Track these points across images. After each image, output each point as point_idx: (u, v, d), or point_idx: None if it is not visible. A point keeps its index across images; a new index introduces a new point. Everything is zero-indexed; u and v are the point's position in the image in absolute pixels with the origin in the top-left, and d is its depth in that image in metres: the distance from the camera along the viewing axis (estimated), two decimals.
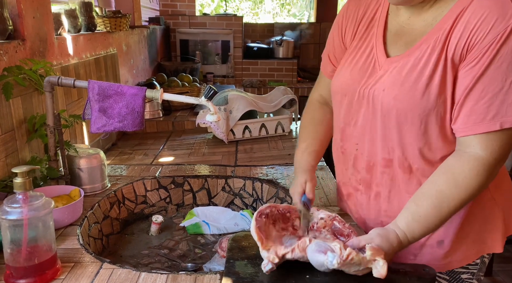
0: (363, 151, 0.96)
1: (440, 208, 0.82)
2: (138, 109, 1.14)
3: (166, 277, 0.87)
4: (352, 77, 0.96)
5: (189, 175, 1.48)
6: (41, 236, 0.83)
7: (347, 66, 0.99)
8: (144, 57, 2.75)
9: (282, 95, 2.09)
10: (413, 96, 0.84)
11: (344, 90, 0.98)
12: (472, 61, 0.79)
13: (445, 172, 0.84)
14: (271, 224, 0.89)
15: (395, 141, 0.90)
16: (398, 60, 0.88)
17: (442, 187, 0.82)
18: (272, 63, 3.87)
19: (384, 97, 0.88)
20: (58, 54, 1.45)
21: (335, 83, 1.02)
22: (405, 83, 0.85)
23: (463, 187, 0.81)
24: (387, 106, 0.88)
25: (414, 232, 0.83)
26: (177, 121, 2.19)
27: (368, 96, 0.91)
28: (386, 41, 0.93)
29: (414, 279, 0.81)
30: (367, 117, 0.93)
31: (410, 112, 0.85)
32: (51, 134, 1.19)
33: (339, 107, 1.02)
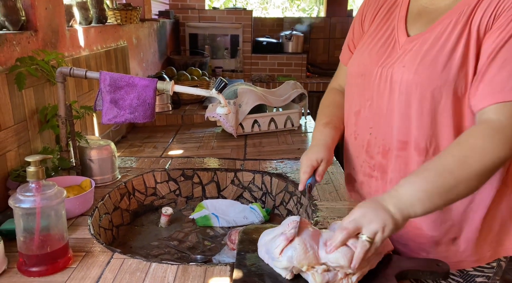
0: (377, 135, 0.93)
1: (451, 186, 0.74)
2: (149, 100, 1.14)
3: (176, 268, 0.87)
4: (370, 57, 0.94)
5: (198, 168, 1.48)
6: (53, 225, 0.84)
7: (365, 48, 0.97)
8: (153, 51, 2.76)
9: (292, 89, 2.08)
10: (434, 69, 0.81)
11: (361, 70, 0.95)
12: (497, 30, 0.76)
13: (458, 143, 0.77)
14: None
15: (412, 121, 0.86)
16: (419, 37, 0.86)
17: (455, 156, 0.76)
18: (281, 58, 3.85)
19: (404, 73, 0.85)
20: (69, 46, 1.45)
21: (352, 64, 1.00)
22: (426, 56, 0.83)
23: (477, 156, 0.74)
24: (407, 82, 0.85)
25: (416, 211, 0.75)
26: (186, 114, 2.19)
27: (386, 75, 0.89)
28: (407, 22, 0.91)
29: (427, 274, 0.80)
30: (384, 98, 0.90)
31: (430, 86, 0.82)
32: (62, 125, 1.19)
33: (354, 89, 0.99)
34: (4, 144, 1.07)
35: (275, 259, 0.77)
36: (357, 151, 1.00)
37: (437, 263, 0.81)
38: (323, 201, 1.19)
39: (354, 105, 0.99)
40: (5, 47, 1.09)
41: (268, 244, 0.81)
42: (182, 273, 0.85)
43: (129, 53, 2.08)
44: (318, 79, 3.78)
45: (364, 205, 0.77)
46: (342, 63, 1.13)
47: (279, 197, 1.42)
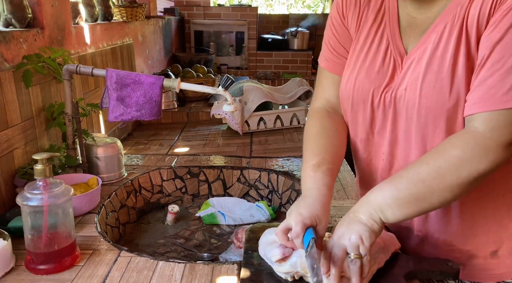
0: (392, 159, 0.85)
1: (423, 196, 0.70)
2: (155, 98, 1.13)
3: (183, 266, 0.87)
4: (370, 81, 0.83)
5: (204, 166, 1.48)
6: (60, 223, 0.84)
7: (359, 67, 0.85)
8: (159, 48, 2.75)
9: (298, 86, 2.07)
10: (440, 90, 0.73)
11: (362, 96, 0.85)
12: (493, 24, 0.67)
13: (436, 151, 0.72)
14: None
15: (427, 142, 0.78)
16: (415, 52, 0.78)
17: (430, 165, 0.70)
18: (286, 55, 3.84)
19: (409, 97, 0.77)
20: (75, 43, 1.45)
21: (348, 89, 0.87)
22: (427, 75, 0.74)
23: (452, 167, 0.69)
24: (413, 106, 0.76)
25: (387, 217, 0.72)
26: (192, 112, 2.19)
27: (390, 100, 0.81)
28: (402, 35, 0.82)
29: (436, 273, 0.79)
30: (392, 124, 0.82)
31: (443, 108, 0.73)
32: (69, 122, 1.19)
33: (356, 117, 0.88)
34: (12, 142, 1.07)
35: (274, 264, 0.77)
36: (373, 176, 0.91)
37: (446, 263, 0.80)
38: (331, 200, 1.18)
39: (360, 132, 0.89)
40: (12, 45, 1.09)
41: (266, 248, 0.80)
42: (190, 271, 0.85)
43: (134, 51, 2.08)
44: None
45: (339, 224, 0.75)
46: (327, 70, 0.93)
47: (286, 195, 1.41)
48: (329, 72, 0.93)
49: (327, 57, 0.93)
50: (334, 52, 0.92)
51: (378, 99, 0.82)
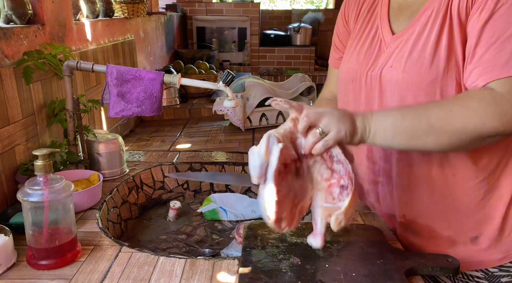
0: None
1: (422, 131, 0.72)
2: (156, 94, 1.13)
3: (184, 262, 0.87)
4: (358, 61, 0.92)
5: (206, 162, 1.48)
6: (61, 218, 0.84)
7: (352, 51, 0.95)
8: (161, 44, 2.75)
9: (300, 82, 2.06)
10: (422, 65, 0.79)
11: (351, 76, 0.94)
12: (477, 11, 0.74)
13: (455, 97, 0.76)
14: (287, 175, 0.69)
15: None
16: (403, 34, 0.84)
17: (442, 106, 0.73)
18: (289, 51, 3.82)
19: (392, 74, 0.83)
20: (76, 39, 1.45)
21: (342, 70, 0.98)
22: (412, 53, 0.81)
23: (462, 115, 0.70)
24: (397, 83, 0.83)
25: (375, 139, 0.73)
26: (194, 108, 2.19)
27: (376, 77, 0.87)
28: (390, 19, 0.89)
29: (437, 269, 0.79)
30: (376, 101, 0.88)
31: (422, 83, 0.79)
32: (70, 118, 1.19)
33: (346, 95, 0.97)
34: (13, 138, 1.08)
35: None
36: (359, 159, 0.96)
37: (447, 259, 0.79)
38: None
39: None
40: (13, 41, 1.09)
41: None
42: (190, 266, 0.85)
43: (136, 47, 2.08)
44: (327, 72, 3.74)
45: (335, 109, 0.73)
46: (332, 66, 1.10)
47: None
48: (334, 67, 1.08)
49: (332, 55, 1.09)
50: (337, 50, 1.06)
51: (365, 77, 0.90)
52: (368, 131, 0.73)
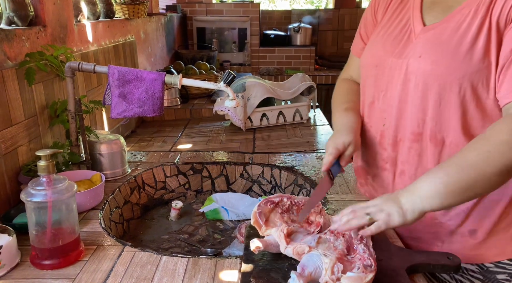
0: (390, 126, 0.92)
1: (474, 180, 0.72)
2: (157, 94, 1.14)
3: (187, 261, 0.87)
4: (384, 48, 0.92)
5: (207, 162, 1.49)
6: (64, 218, 0.85)
7: (379, 39, 0.95)
8: (161, 45, 2.76)
9: (300, 82, 2.07)
10: (454, 58, 0.79)
11: (375, 61, 0.94)
12: None
13: (483, 137, 0.75)
14: (279, 213, 0.85)
15: (429, 112, 0.85)
16: (436, 27, 0.84)
17: (478, 150, 0.73)
18: (289, 51, 3.82)
19: (420, 64, 0.84)
20: (78, 41, 1.46)
21: (365, 56, 0.99)
22: (445, 46, 0.81)
23: (501, 151, 0.71)
24: (424, 73, 0.83)
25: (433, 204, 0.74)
26: (195, 108, 2.19)
27: (401, 65, 0.87)
28: (423, 11, 0.89)
29: (438, 267, 0.80)
30: (398, 88, 0.89)
31: (450, 76, 0.80)
32: (72, 119, 1.20)
33: (367, 80, 0.98)
34: (16, 139, 1.08)
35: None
36: (370, 143, 0.99)
37: (448, 256, 0.80)
38: (333, 194, 1.19)
39: (368, 96, 0.98)
40: (15, 43, 1.10)
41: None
42: (193, 265, 0.86)
43: (137, 48, 2.08)
44: (327, 71, 3.75)
45: (378, 197, 0.79)
46: (353, 54, 1.11)
47: (289, 190, 1.42)
48: (355, 56, 1.09)
49: (355, 43, 1.09)
50: (360, 39, 1.06)
51: (389, 64, 0.90)
52: (419, 202, 0.73)
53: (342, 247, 0.75)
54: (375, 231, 0.75)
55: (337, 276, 0.69)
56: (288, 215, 0.86)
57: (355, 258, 0.73)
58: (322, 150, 1.59)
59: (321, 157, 1.51)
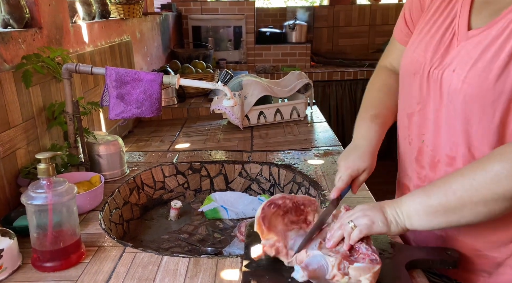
0: (429, 144, 0.82)
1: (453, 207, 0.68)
2: (155, 95, 1.14)
3: (188, 261, 0.88)
4: (425, 54, 0.81)
5: (206, 161, 1.49)
6: (65, 221, 0.85)
7: (421, 39, 0.83)
8: (157, 44, 2.75)
9: (297, 79, 2.07)
10: (486, 78, 0.69)
11: (414, 68, 0.83)
12: None
13: (476, 162, 0.68)
14: (280, 215, 0.84)
15: (460, 135, 0.75)
16: (478, 34, 0.72)
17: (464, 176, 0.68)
18: (285, 48, 3.83)
19: (453, 80, 0.73)
20: (74, 42, 1.45)
21: (405, 59, 0.87)
22: (479, 61, 0.70)
23: (487, 181, 0.65)
24: (455, 91, 0.73)
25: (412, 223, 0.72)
26: (192, 108, 2.19)
27: (436, 78, 0.77)
28: (472, 10, 0.76)
29: (437, 262, 0.80)
30: (434, 104, 0.79)
31: (481, 99, 0.69)
32: (70, 121, 1.20)
33: (406, 87, 0.87)
34: (14, 142, 1.08)
35: None
36: (409, 159, 0.90)
37: (446, 252, 0.81)
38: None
39: (407, 106, 0.88)
40: (11, 45, 1.10)
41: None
42: (194, 265, 0.86)
43: (133, 48, 2.08)
44: (323, 68, 3.75)
45: (364, 204, 0.77)
46: (396, 39, 0.98)
47: (287, 188, 1.42)
48: (398, 41, 0.97)
49: (399, 27, 0.96)
50: (405, 24, 0.94)
51: (427, 74, 0.80)
52: (401, 216, 0.72)
53: (344, 249, 0.75)
54: (357, 238, 0.74)
55: (344, 271, 0.69)
56: (289, 217, 0.85)
57: (359, 258, 0.73)
58: (320, 147, 1.60)
59: (318, 154, 1.52)
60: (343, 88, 3.70)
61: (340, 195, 0.86)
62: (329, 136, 1.74)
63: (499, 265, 0.81)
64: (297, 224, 0.85)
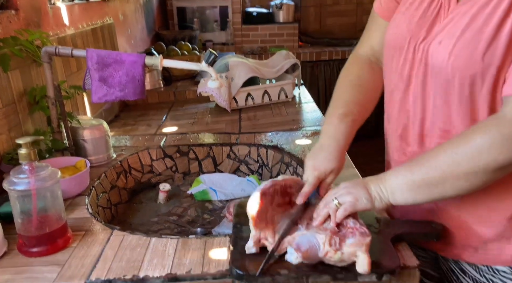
0: (415, 120, 0.81)
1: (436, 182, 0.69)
2: (138, 77, 1.12)
3: (176, 242, 0.88)
4: (409, 27, 0.78)
5: (193, 144, 1.48)
6: (50, 206, 0.84)
7: (405, 11, 0.80)
8: (141, 27, 2.69)
9: (284, 60, 2.05)
10: (475, 48, 0.66)
11: (398, 43, 0.80)
12: None
13: (458, 136, 0.68)
14: (269, 202, 0.82)
15: (453, 108, 0.74)
16: (466, 3, 0.70)
17: (446, 151, 0.68)
18: (272, 28, 3.78)
19: (439, 53, 0.71)
20: (53, 24, 1.41)
21: (389, 35, 0.84)
22: (467, 31, 0.68)
23: (469, 155, 0.65)
24: (441, 64, 0.71)
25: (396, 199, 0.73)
26: (179, 91, 2.17)
27: (422, 52, 0.75)
28: None
29: (421, 235, 0.82)
30: (420, 79, 0.78)
31: (470, 71, 0.68)
32: (52, 106, 1.17)
33: (390, 63, 0.84)
34: None
35: None
36: (392, 136, 0.89)
37: (431, 224, 0.82)
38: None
39: (391, 82, 0.86)
40: None
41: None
42: (182, 246, 0.86)
43: (116, 30, 2.03)
44: (311, 48, 3.72)
45: (348, 182, 0.78)
46: (379, 14, 0.90)
47: (276, 169, 1.43)
48: (380, 16, 0.90)
49: (382, 1, 0.89)
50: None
51: (412, 49, 0.77)
52: (385, 192, 0.73)
53: (332, 226, 0.76)
54: (342, 216, 0.75)
55: (336, 247, 0.70)
56: (276, 201, 0.84)
57: (347, 232, 0.74)
58: (308, 127, 1.60)
59: (306, 134, 1.52)
60: (331, 68, 3.68)
61: (308, 199, 0.84)
62: (317, 116, 1.74)
63: (487, 242, 0.80)
64: (282, 206, 0.84)
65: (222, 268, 0.79)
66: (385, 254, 0.74)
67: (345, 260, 0.70)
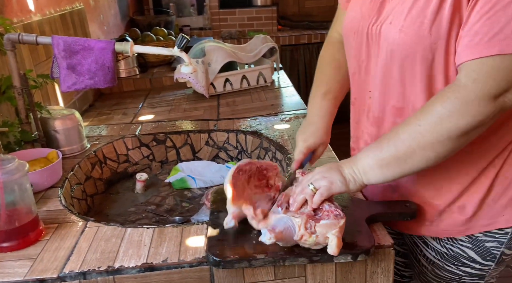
0: (375, 100, 0.84)
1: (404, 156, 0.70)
2: (108, 64, 1.08)
3: (152, 231, 0.87)
4: (362, 11, 0.82)
5: (170, 132, 1.46)
6: (18, 199, 0.81)
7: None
8: (114, 12, 2.61)
9: (262, 44, 2.03)
10: (422, 23, 0.70)
11: (354, 27, 0.84)
12: None
13: (419, 109, 0.71)
14: (246, 180, 0.84)
15: (407, 85, 0.77)
16: None
17: (410, 124, 0.70)
18: (250, 12, 3.72)
19: (390, 32, 0.75)
20: (17, 10, 1.35)
21: (345, 21, 0.89)
22: (413, 8, 0.71)
23: (431, 124, 0.67)
24: (393, 42, 0.74)
25: (369, 179, 0.74)
26: (155, 78, 2.12)
27: (375, 33, 0.79)
28: None
29: (395, 215, 0.83)
30: (376, 59, 0.81)
31: (420, 46, 0.71)
32: (19, 96, 1.13)
33: (349, 48, 0.89)
34: None
35: None
36: (357, 117, 0.92)
37: (405, 204, 0.83)
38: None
39: (351, 66, 0.90)
40: None
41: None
42: (159, 235, 0.85)
43: (87, 16, 1.96)
44: (290, 32, 3.69)
45: (322, 166, 0.79)
46: (341, 6, 1.00)
47: (255, 154, 1.42)
48: (342, 8, 0.99)
49: None
50: None
51: (366, 30, 0.82)
52: (358, 173, 0.74)
53: (309, 210, 0.76)
54: (319, 201, 0.75)
55: (311, 230, 0.70)
56: (253, 182, 0.86)
57: (323, 215, 0.75)
58: (287, 112, 1.60)
59: (285, 119, 1.51)
60: (311, 52, 3.66)
61: (302, 165, 0.91)
62: (296, 101, 1.73)
63: (441, 213, 0.85)
64: (260, 188, 0.85)
65: (199, 256, 0.78)
66: (360, 235, 0.75)
67: (320, 243, 0.71)
